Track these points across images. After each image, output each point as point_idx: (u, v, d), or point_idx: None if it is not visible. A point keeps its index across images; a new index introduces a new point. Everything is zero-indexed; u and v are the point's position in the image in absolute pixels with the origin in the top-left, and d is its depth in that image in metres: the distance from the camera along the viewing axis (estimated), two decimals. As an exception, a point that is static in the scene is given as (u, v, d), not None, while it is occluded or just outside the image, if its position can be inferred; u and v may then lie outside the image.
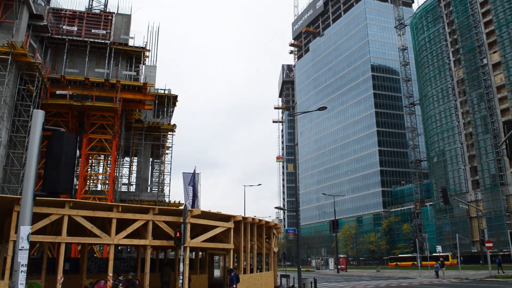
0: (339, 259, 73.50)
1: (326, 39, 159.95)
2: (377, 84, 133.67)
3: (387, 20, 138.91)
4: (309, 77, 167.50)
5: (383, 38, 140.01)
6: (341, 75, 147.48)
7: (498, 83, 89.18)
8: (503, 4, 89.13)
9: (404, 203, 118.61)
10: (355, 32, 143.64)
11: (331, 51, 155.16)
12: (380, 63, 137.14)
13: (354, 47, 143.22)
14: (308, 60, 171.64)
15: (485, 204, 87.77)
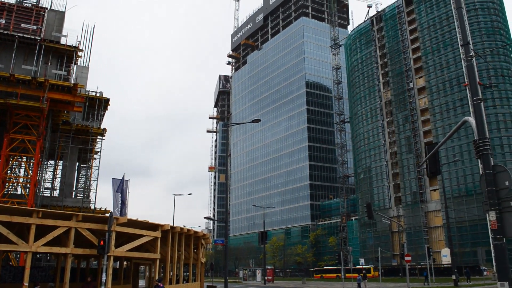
0: (266, 271, 74.01)
1: (264, 53, 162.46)
2: (311, 100, 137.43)
3: (323, 39, 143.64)
4: (245, 89, 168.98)
5: (319, 56, 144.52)
6: (276, 89, 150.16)
7: (422, 106, 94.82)
8: (430, 33, 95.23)
9: (331, 216, 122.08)
10: (292, 48, 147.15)
11: (268, 65, 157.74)
12: (315, 80, 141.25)
13: (290, 63, 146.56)
14: (245, 72, 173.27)
15: (406, 219, 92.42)
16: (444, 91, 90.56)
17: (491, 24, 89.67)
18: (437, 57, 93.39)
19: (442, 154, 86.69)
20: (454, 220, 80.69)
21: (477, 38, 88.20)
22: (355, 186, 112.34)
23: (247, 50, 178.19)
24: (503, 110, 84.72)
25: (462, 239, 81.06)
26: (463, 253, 78.70)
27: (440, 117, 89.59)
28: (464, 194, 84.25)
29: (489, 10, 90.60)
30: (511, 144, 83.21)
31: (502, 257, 12.46)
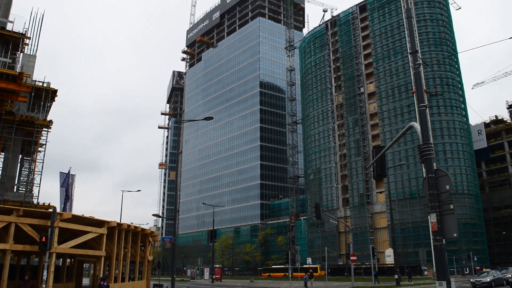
0: (214, 269, 73.86)
1: (219, 50, 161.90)
2: (264, 100, 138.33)
3: (278, 41, 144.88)
4: (199, 86, 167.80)
5: (273, 57, 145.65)
6: (230, 88, 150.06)
7: (371, 111, 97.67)
8: (382, 40, 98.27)
9: (281, 216, 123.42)
10: (248, 48, 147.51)
11: (223, 63, 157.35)
12: (269, 80, 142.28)
13: (245, 62, 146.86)
14: (199, 69, 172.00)
15: (353, 220, 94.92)
16: (393, 97, 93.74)
17: (439, 35, 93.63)
18: (387, 64, 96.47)
19: (389, 158, 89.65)
20: (398, 222, 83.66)
21: (425, 47, 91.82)
22: (305, 186, 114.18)
23: (202, 47, 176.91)
24: (447, 117, 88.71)
25: (405, 240, 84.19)
26: (406, 253, 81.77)
27: (388, 122, 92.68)
28: (408, 197, 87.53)
29: (437, 21, 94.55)
30: (453, 150, 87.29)
31: (441, 257, 13.05)
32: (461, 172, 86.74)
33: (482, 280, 38.40)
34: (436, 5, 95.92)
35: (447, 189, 13.16)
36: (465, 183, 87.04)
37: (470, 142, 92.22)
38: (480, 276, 40.62)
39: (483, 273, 42.78)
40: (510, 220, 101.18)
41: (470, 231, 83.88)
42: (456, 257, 75.35)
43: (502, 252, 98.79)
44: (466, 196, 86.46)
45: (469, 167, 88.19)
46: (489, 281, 38.28)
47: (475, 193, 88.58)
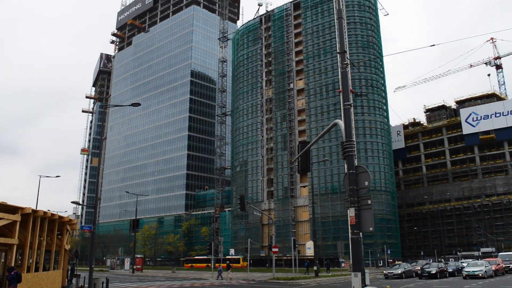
0: (135, 259, 72.32)
1: (150, 36, 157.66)
2: (194, 90, 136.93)
3: (212, 31, 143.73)
4: (128, 71, 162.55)
5: (206, 47, 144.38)
6: (160, 75, 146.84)
7: (299, 107, 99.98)
8: (313, 38, 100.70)
9: (206, 207, 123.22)
10: (180, 35, 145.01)
11: (154, 49, 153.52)
12: (200, 70, 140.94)
13: (177, 50, 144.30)
14: (129, 54, 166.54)
15: (276, 213, 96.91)
16: (321, 95, 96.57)
17: (367, 38, 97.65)
18: (317, 62, 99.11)
19: (314, 154, 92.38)
20: (320, 216, 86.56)
21: (353, 49, 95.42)
22: (231, 178, 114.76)
23: (134, 31, 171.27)
24: (370, 117, 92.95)
25: (325, 233, 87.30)
26: (326, 246, 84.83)
27: (315, 118, 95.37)
28: (330, 192, 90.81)
29: (366, 25, 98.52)
30: (373, 149, 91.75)
31: (357, 250, 13.66)
32: (380, 170, 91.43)
33: (394, 272, 41.22)
34: (366, 9, 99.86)
35: (366, 185, 13.77)
36: (383, 181, 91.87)
37: (389, 142, 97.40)
38: (392, 268, 43.38)
39: (395, 265, 45.65)
40: (421, 217, 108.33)
41: (385, 225, 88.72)
42: (372, 250, 79.52)
43: (413, 246, 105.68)
44: (383, 192, 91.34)
45: (387, 166, 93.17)
46: (400, 273, 41.21)
47: (392, 190, 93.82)
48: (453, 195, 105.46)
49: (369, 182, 13.79)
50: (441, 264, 44.81)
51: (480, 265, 38.83)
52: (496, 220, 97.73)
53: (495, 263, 42.60)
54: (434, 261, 58.23)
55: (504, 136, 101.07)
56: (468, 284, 31.43)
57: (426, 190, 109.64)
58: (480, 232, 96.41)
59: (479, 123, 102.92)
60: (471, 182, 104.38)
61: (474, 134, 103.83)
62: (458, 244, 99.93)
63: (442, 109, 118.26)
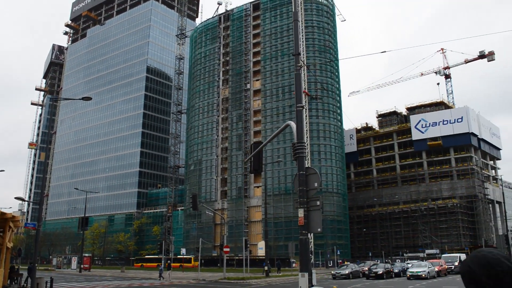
0: (83, 258, 70.23)
1: (106, 29, 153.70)
2: (150, 86, 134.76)
3: (170, 27, 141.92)
4: (81, 64, 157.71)
5: (163, 43, 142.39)
6: (115, 69, 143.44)
7: (255, 108, 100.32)
8: (271, 40, 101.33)
9: (158, 205, 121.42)
10: (137, 30, 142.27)
11: (110, 43, 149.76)
12: (156, 66, 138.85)
13: (133, 45, 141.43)
14: (83, 46, 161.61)
15: (229, 213, 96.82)
16: (277, 96, 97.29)
17: (324, 42, 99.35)
18: (274, 64, 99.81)
19: (268, 154, 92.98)
20: (272, 216, 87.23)
21: (310, 52, 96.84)
22: (185, 177, 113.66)
23: (89, 23, 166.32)
24: (324, 121, 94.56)
25: (277, 234, 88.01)
26: (277, 246, 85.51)
27: (270, 119, 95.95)
28: (283, 193, 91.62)
29: (323, 29, 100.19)
30: (327, 151, 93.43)
31: (305, 250, 13.77)
32: (332, 172, 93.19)
33: (342, 272, 42.17)
34: (324, 14, 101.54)
35: (315, 186, 13.89)
36: (335, 183, 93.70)
37: (342, 145, 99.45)
38: (340, 269, 44.33)
39: (342, 266, 46.68)
40: (371, 218, 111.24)
41: (336, 227, 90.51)
42: (322, 251, 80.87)
43: (362, 247, 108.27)
44: (335, 194, 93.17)
45: (339, 168, 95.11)
46: (347, 273, 42.18)
47: (343, 192, 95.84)
48: (402, 198, 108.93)
49: (319, 184, 13.92)
50: (388, 265, 46.17)
51: (424, 266, 39.70)
52: (441, 223, 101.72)
53: (438, 264, 44.03)
54: (382, 262, 59.79)
55: (450, 143, 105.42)
56: (412, 284, 32.54)
57: (376, 193, 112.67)
58: (426, 234, 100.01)
59: (428, 130, 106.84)
60: (418, 186, 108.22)
61: (423, 140, 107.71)
62: (405, 246, 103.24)
63: (393, 115, 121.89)
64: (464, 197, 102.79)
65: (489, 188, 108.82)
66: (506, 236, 43.25)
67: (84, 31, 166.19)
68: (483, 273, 1.92)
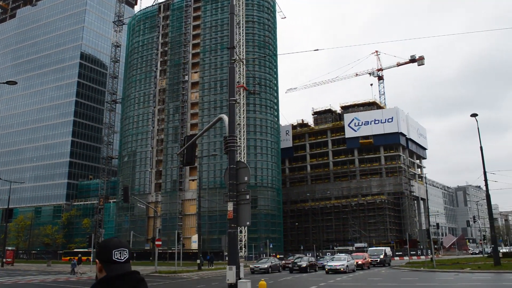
0: (6, 252, 66.46)
1: (38, 10, 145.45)
2: (84, 74, 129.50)
3: (107, 13, 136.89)
4: (9, 46, 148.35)
5: (99, 29, 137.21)
6: (46, 54, 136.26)
7: (193, 100, 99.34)
8: (211, 33, 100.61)
9: (89, 197, 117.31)
10: (72, 14, 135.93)
11: (41, 26, 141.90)
12: (91, 53, 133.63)
13: (66, 29, 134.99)
14: (12, 27, 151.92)
15: (163, 206, 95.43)
16: (215, 90, 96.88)
17: (264, 38, 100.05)
18: (213, 57, 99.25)
19: (205, 148, 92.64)
20: (207, 210, 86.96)
21: (250, 47, 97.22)
22: (118, 168, 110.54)
23: (19, 2, 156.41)
24: (261, 116, 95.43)
25: (212, 227, 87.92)
26: (211, 240, 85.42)
27: (207, 112, 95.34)
28: (218, 186, 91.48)
29: (264, 25, 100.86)
30: (263, 146, 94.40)
31: (233, 243, 13.84)
32: (268, 167, 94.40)
33: (261, 266, 40.65)
34: (265, 10, 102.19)
35: (245, 180, 13.97)
36: (270, 177, 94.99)
37: (278, 140, 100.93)
38: (259, 263, 43.49)
39: (261, 260, 46.13)
40: (304, 213, 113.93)
41: (269, 221, 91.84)
42: (255, 244, 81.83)
43: (294, 241, 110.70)
44: (269, 189, 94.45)
45: (275, 163, 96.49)
46: (266, 267, 40.58)
47: (278, 187, 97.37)
48: (333, 194, 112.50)
49: (249, 177, 14.02)
50: (312, 258, 45.14)
51: (343, 259, 38.24)
52: (370, 218, 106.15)
53: (362, 258, 44.14)
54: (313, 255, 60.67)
55: (381, 142, 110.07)
56: (327, 278, 31.46)
57: (310, 188, 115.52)
58: (355, 229, 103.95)
59: (360, 128, 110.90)
60: (349, 182, 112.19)
61: (355, 138, 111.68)
62: (335, 239, 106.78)
63: (328, 112, 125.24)
64: (392, 193, 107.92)
65: (414, 185, 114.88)
66: (428, 231, 45.58)
67: (14, 11, 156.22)
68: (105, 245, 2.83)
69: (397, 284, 26.55)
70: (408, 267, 42.16)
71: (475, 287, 23.03)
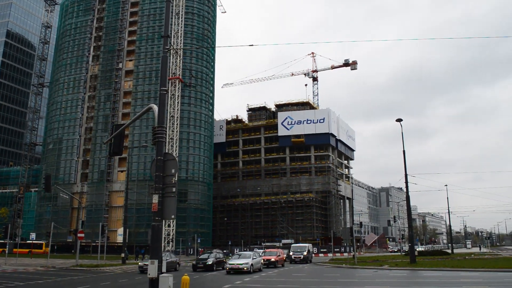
0: None
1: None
2: (9, 53, 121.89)
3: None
4: None
5: (29, 7, 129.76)
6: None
7: (126, 89, 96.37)
8: (149, 21, 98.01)
9: (8, 185, 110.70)
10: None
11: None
12: (19, 32, 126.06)
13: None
14: None
15: (89, 197, 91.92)
16: (149, 79, 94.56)
17: (202, 31, 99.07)
18: (150, 46, 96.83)
19: (136, 138, 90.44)
20: (135, 202, 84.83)
21: (188, 39, 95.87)
22: (42, 156, 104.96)
23: None
24: (196, 109, 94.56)
25: (140, 220, 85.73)
26: (138, 233, 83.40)
27: (140, 102, 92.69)
28: (148, 179, 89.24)
29: (203, 18, 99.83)
30: (196, 140, 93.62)
31: (157, 237, 13.52)
32: (200, 161, 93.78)
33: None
34: (205, 3, 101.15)
35: (172, 172, 13.69)
36: (202, 172, 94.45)
37: (211, 135, 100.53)
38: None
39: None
40: (233, 208, 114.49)
41: (199, 215, 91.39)
42: (183, 239, 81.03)
43: (223, 236, 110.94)
44: (200, 183, 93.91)
45: (207, 158, 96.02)
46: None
47: (209, 182, 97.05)
48: (264, 190, 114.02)
49: (176, 170, 13.77)
50: (220, 254, 40.06)
51: (248, 257, 32.99)
52: (298, 215, 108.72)
53: (275, 254, 40.95)
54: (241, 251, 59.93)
55: (312, 141, 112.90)
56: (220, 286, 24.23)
57: (241, 184, 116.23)
58: (283, 225, 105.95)
59: (293, 127, 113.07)
60: (280, 179, 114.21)
61: (288, 136, 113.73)
62: (263, 235, 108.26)
63: (263, 110, 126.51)
64: (320, 192, 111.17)
65: (341, 185, 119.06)
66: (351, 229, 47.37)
67: None
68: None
69: (320, 279, 27.30)
70: (331, 264, 43.50)
71: (391, 283, 24.18)
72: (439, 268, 32.95)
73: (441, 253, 58.79)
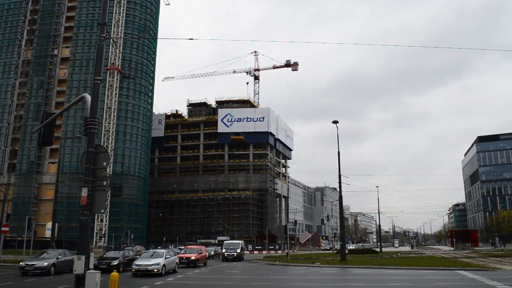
0: None
1: None
2: None
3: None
4: None
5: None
6: None
7: (61, 77, 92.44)
8: (89, 8, 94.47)
9: None
10: None
11: None
12: None
13: None
14: None
15: (17, 188, 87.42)
16: (87, 68, 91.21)
17: (145, 22, 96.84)
18: (88, 33, 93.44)
19: (69, 129, 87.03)
20: (66, 195, 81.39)
21: (129, 29, 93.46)
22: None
23: None
24: (134, 101, 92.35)
25: (71, 214, 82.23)
26: (69, 227, 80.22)
27: (76, 92, 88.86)
28: (80, 171, 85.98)
29: (146, 9, 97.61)
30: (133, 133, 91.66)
31: (84, 232, 13.11)
32: (136, 155, 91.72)
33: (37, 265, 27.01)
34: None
35: (104, 165, 13.36)
36: (138, 166, 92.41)
37: (149, 129, 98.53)
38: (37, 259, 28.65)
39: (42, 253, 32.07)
40: (169, 204, 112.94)
41: (133, 210, 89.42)
42: (116, 234, 78.91)
43: (158, 232, 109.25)
44: (136, 178, 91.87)
45: (144, 152, 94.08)
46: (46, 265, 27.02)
47: (145, 177, 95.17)
48: (201, 187, 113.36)
49: (108, 163, 13.44)
50: (129, 252, 33.60)
51: (161, 256, 27.65)
52: (234, 212, 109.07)
53: (196, 252, 36.77)
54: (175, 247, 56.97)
55: (251, 139, 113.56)
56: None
57: (178, 179, 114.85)
58: (219, 222, 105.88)
59: (233, 125, 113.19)
60: (218, 176, 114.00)
61: (227, 133, 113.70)
62: (199, 232, 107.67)
63: (203, 106, 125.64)
64: (257, 189, 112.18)
65: (278, 183, 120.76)
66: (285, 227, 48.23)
67: None
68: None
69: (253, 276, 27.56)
70: (265, 261, 43.96)
71: (321, 280, 24.86)
72: (368, 266, 34.27)
73: (371, 252, 61.11)
